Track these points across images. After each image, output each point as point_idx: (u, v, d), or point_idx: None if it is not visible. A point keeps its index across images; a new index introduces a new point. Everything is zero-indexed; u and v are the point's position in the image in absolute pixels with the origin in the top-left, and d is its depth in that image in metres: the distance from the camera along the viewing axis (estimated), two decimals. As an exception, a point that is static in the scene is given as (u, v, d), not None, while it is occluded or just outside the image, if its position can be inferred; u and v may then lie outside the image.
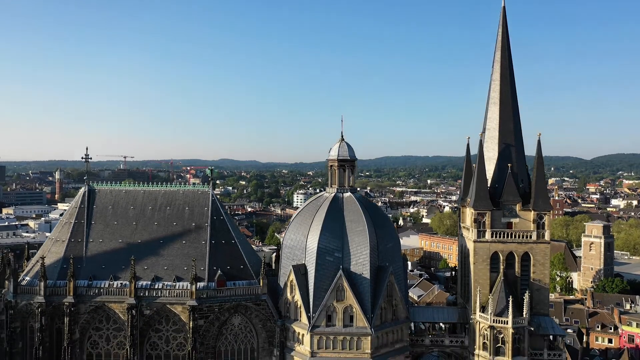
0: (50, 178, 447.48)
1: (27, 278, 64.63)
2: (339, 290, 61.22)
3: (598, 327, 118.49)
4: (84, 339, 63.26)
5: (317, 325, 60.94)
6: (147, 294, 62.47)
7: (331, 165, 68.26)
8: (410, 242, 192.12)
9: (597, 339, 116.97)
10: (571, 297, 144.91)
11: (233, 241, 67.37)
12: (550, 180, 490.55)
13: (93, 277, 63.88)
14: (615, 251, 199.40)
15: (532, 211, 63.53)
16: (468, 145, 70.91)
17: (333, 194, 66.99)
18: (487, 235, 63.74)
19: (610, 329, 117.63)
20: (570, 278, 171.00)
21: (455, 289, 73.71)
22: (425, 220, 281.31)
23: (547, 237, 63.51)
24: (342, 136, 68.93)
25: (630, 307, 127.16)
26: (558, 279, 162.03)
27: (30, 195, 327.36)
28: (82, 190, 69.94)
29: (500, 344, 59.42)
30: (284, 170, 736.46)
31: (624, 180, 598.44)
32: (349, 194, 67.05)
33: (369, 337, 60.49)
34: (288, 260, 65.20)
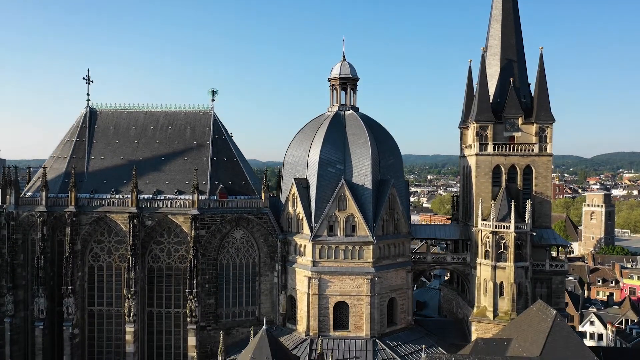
0: None
1: (29, 194, 64.53)
2: (340, 199, 61.11)
3: (599, 281, 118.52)
4: (85, 251, 63.18)
5: (318, 235, 60.81)
6: (148, 205, 62.37)
7: (332, 85, 68.12)
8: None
9: (598, 294, 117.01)
10: (572, 255, 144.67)
11: (235, 159, 67.36)
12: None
13: (94, 190, 63.78)
14: (615, 229, 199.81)
15: (535, 124, 63.51)
16: (470, 67, 71.01)
17: (335, 112, 66.90)
18: (489, 149, 63.68)
19: (612, 282, 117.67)
20: (571, 247, 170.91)
21: (456, 215, 73.57)
22: (425, 205, 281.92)
23: (549, 149, 63.44)
24: (343, 56, 68.80)
25: (632, 265, 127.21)
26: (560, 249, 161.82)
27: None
28: (83, 111, 69.83)
29: (502, 250, 59.27)
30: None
31: (625, 174, 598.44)
32: (351, 111, 66.96)
33: (371, 246, 60.38)
34: (290, 176, 65.08)
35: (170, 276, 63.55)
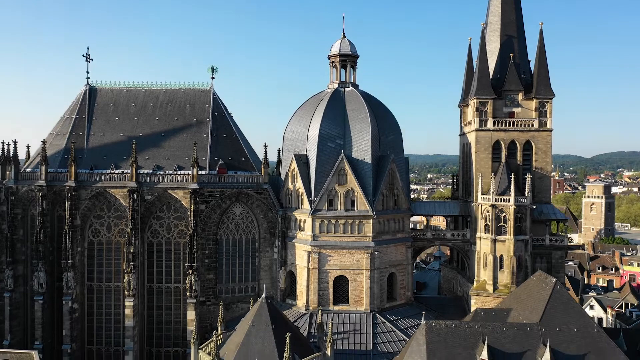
0: None
1: (28, 169, 64.50)
2: (340, 174, 61.06)
3: (599, 269, 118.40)
4: (85, 226, 63.15)
5: (318, 210, 60.76)
6: (148, 180, 62.37)
7: (332, 62, 68.05)
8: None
9: (597, 281, 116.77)
10: (572, 243, 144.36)
11: (234, 135, 67.37)
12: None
13: (94, 166, 63.77)
14: (616, 223, 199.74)
15: (534, 99, 63.50)
16: (470, 46, 71.08)
17: (334, 89, 66.84)
18: (489, 124, 63.66)
19: (612, 270, 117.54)
20: (571, 239, 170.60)
21: (456, 194, 73.55)
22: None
23: (549, 125, 63.41)
24: (343, 33, 68.74)
25: (632, 253, 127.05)
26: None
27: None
28: (83, 89, 69.84)
29: (502, 223, 59.24)
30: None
31: (625, 172, 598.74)
32: (350, 88, 66.89)
33: (371, 221, 60.32)
34: (289, 153, 65.00)
35: (170, 251, 63.55)
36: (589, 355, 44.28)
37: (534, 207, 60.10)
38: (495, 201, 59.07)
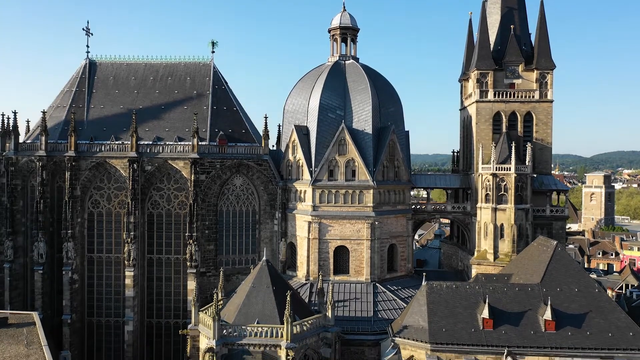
0: None
1: (28, 141, 64.36)
2: (341, 144, 60.96)
3: (599, 254, 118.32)
4: (85, 197, 63.00)
5: (319, 180, 60.65)
6: (148, 151, 62.25)
7: (333, 35, 67.95)
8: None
9: (598, 265, 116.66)
10: (572, 229, 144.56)
11: (234, 108, 67.29)
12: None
13: (94, 138, 63.61)
14: (616, 216, 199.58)
15: (535, 70, 63.42)
16: (470, 20, 70.98)
17: (335, 61, 66.75)
18: (490, 95, 63.60)
19: (612, 254, 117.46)
20: (570, 228, 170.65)
21: (457, 170, 73.41)
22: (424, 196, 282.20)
23: (549, 96, 63.34)
24: (343, 6, 68.59)
25: (632, 239, 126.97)
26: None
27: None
28: (82, 63, 69.70)
29: (502, 192, 59.15)
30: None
31: (624, 170, 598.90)
32: (351, 61, 66.79)
33: (371, 191, 60.21)
34: (290, 125, 64.78)
35: (170, 223, 63.43)
36: (590, 314, 44.29)
37: (535, 175, 60.03)
38: (496, 170, 58.98)
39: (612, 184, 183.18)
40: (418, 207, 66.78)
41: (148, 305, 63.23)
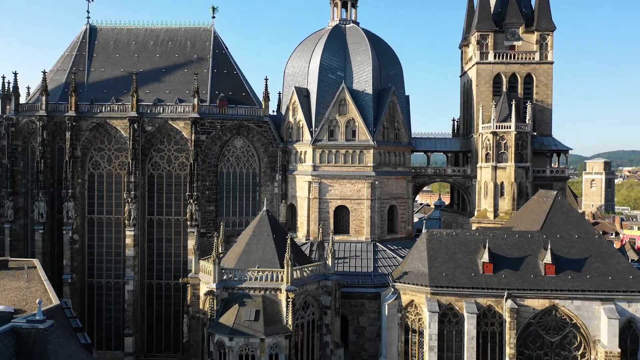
0: None
1: (29, 103, 64.44)
2: (341, 104, 61.01)
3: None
4: (85, 158, 63.01)
5: (319, 140, 60.72)
6: (149, 111, 62.25)
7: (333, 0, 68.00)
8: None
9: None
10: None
11: (235, 72, 67.32)
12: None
13: (94, 100, 63.61)
14: (616, 207, 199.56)
15: (535, 32, 63.54)
16: (470, -14, 71.03)
17: (335, 25, 66.79)
18: (490, 57, 63.75)
19: (612, 234, 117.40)
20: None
21: (457, 136, 73.44)
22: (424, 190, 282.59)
23: (550, 57, 63.43)
24: (344, -29, 68.59)
25: (632, 220, 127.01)
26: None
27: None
28: (83, 28, 69.72)
29: (503, 151, 59.21)
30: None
31: (625, 168, 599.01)
32: (351, 24, 66.85)
33: (371, 151, 60.27)
34: (290, 88, 64.75)
35: (170, 184, 63.44)
36: (590, 259, 44.34)
37: (535, 134, 60.09)
38: (496, 128, 59.07)
39: (612, 170, 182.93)
40: (418, 170, 66.69)
41: (148, 267, 63.22)
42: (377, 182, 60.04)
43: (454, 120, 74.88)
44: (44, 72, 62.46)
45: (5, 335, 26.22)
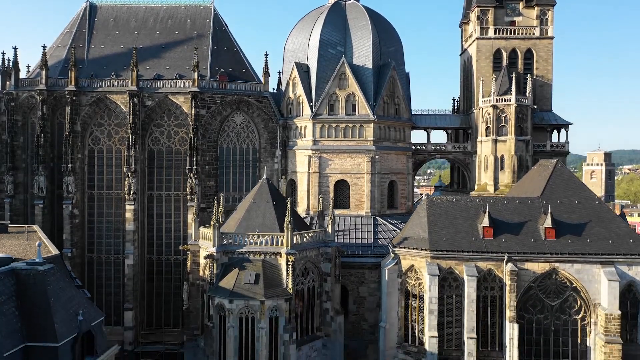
0: None
1: (29, 78, 64.37)
2: (341, 78, 60.96)
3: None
4: (85, 134, 62.98)
5: (319, 114, 60.67)
6: (149, 86, 62.19)
7: (333, -23, 67.92)
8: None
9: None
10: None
11: (235, 49, 67.33)
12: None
13: (94, 75, 63.59)
14: (616, 201, 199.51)
15: (535, 7, 63.49)
16: (471, -36, 70.92)
17: (335, 1, 66.69)
18: (490, 32, 63.71)
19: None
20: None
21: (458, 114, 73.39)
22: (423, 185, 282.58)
23: (550, 32, 63.39)
24: (344, -53, 68.57)
25: (633, 207, 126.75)
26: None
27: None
28: (83, 5, 69.72)
29: (503, 124, 59.19)
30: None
31: (625, 166, 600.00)
32: (351, 1, 66.82)
33: (371, 125, 60.23)
34: (290, 64, 64.65)
35: (170, 159, 63.42)
36: (590, 223, 44.32)
37: (535, 107, 60.06)
38: (497, 102, 59.02)
39: (613, 162, 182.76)
40: (419, 147, 66.63)
41: (148, 242, 63.19)
42: (377, 157, 60.00)
43: (454, 99, 74.76)
44: (44, 47, 62.42)
45: (5, 275, 26.20)
